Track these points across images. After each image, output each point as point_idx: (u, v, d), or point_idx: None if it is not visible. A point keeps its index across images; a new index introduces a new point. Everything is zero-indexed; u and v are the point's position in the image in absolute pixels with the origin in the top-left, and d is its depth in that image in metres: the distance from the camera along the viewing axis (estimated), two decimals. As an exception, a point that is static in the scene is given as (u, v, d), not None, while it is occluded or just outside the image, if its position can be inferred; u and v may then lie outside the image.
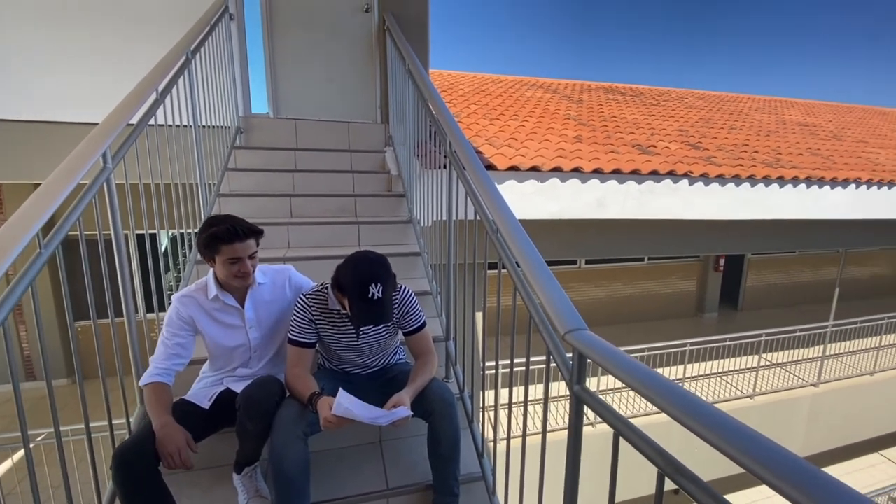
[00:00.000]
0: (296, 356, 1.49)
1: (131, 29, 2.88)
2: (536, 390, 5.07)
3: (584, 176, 3.52)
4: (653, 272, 9.05)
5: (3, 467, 4.06)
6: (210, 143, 2.47)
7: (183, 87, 2.14)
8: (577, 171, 3.50)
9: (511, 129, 4.51)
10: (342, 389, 1.32)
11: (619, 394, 5.80)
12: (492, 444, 1.77)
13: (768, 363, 6.52)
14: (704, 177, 3.76)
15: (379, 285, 1.37)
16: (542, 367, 1.08)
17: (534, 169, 3.42)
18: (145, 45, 2.37)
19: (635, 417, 5.19)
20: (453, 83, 7.29)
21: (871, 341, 7.02)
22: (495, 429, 1.56)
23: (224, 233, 1.44)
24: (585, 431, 0.83)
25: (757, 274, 9.91)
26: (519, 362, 1.47)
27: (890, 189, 4.56)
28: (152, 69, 1.85)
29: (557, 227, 4.05)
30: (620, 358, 0.80)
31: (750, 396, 6.00)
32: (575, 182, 3.51)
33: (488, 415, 3.55)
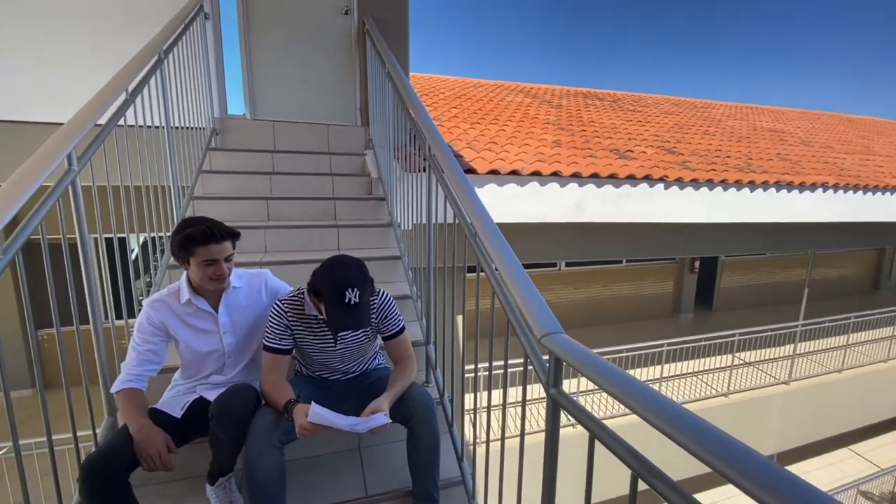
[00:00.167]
0: (271, 363, 1.46)
1: (102, 27, 2.79)
2: (516, 393, 5.09)
3: (563, 180, 3.56)
4: (630, 274, 9.22)
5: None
6: (184, 145, 2.42)
7: (155, 87, 2.09)
8: (556, 175, 3.54)
9: (491, 133, 4.54)
10: (314, 402, 1.30)
11: (599, 394, 5.88)
12: (473, 447, 1.77)
13: (742, 362, 6.71)
14: (679, 181, 3.85)
15: (356, 290, 1.35)
16: (525, 371, 1.08)
17: (514, 173, 3.44)
18: (117, 44, 2.30)
19: (615, 418, 5.27)
20: (434, 86, 7.30)
21: (838, 340, 7.29)
22: (475, 432, 1.55)
23: (200, 234, 1.41)
24: (567, 432, 0.84)
25: (730, 275, 10.19)
26: (498, 365, 1.48)
27: (855, 193, 4.75)
28: (122, 68, 1.79)
29: (538, 231, 4.09)
30: (595, 361, 0.81)
31: (725, 395, 6.16)
32: (554, 186, 3.55)
33: (469, 418, 3.55)
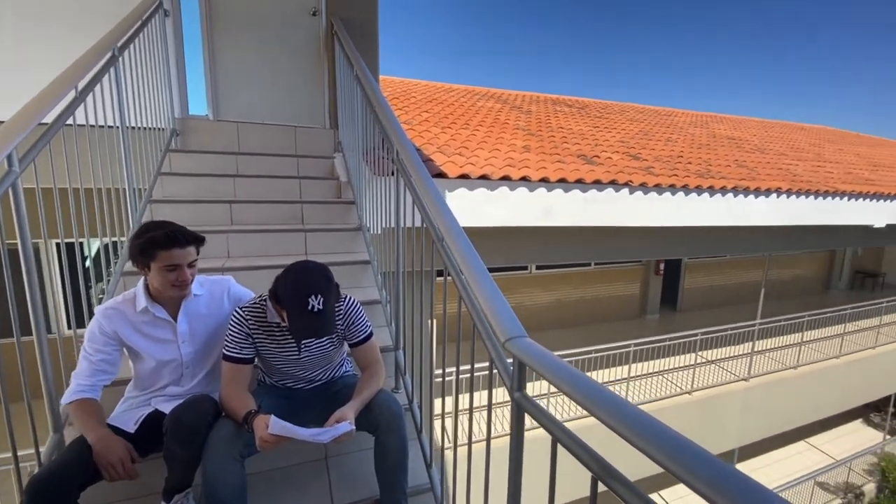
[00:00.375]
0: (231, 373, 1.41)
1: (51, 23, 2.65)
2: (481, 398, 5.10)
3: (532, 185, 3.61)
4: (599, 276, 9.43)
5: None
6: (141, 146, 2.31)
7: (109, 85, 1.99)
8: (525, 180, 3.59)
9: (462, 138, 4.55)
10: (273, 417, 1.26)
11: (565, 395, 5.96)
12: (441, 453, 1.75)
13: (704, 360, 6.95)
14: (643, 186, 3.97)
15: (320, 297, 1.32)
16: (491, 375, 1.08)
17: (484, 177, 3.46)
18: (72, 43, 2.18)
19: (581, 419, 5.35)
20: (406, 90, 7.29)
21: (793, 337, 7.67)
22: (443, 438, 1.54)
23: (163, 238, 1.37)
24: (537, 434, 0.83)
25: (693, 277, 10.58)
26: (466, 369, 1.47)
27: (807, 198, 5.01)
28: (71, 65, 1.70)
29: (508, 234, 4.13)
30: (556, 365, 0.81)
31: (689, 392, 6.37)
32: (523, 190, 3.59)
33: (438, 423, 3.53)
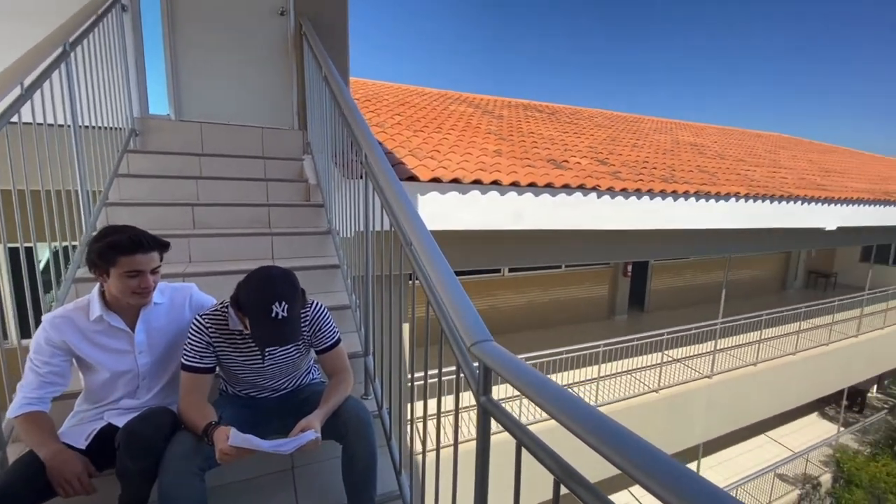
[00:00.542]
0: (190, 383, 1.36)
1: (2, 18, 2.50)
2: (451, 402, 5.11)
3: (503, 189, 3.64)
4: (569, 278, 9.61)
5: None
6: (96, 146, 2.20)
7: (59, 82, 1.89)
8: (496, 184, 3.62)
9: (434, 142, 4.56)
10: (233, 430, 1.21)
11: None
12: (410, 459, 1.73)
13: (670, 359, 7.17)
14: (611, 190, 4.07)
15: (284, 304, 1.28)
16: (458, 380, 1.08)
17: (455, 181, 3.47)
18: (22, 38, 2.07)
19: (550, 421, 5.42)
20: (377, 93, 7.25)
21: (753, 335, 8.01)
22: (412, 443, 1.53)
23: (126, 242, 1.30)
24: (507, 437, 0.83)
25: (660, 278, 10.92)
26: (435, 374, 1.46)
27: (763, 202, 5.25)
28: (15, 61, 1.61)
29: (481, 238, 4.15)
30: (520, 369, 0.82)
31: (656, 391, 6.55)
32: (494, 194, 3.62)
33: (407, 429, 3.50)
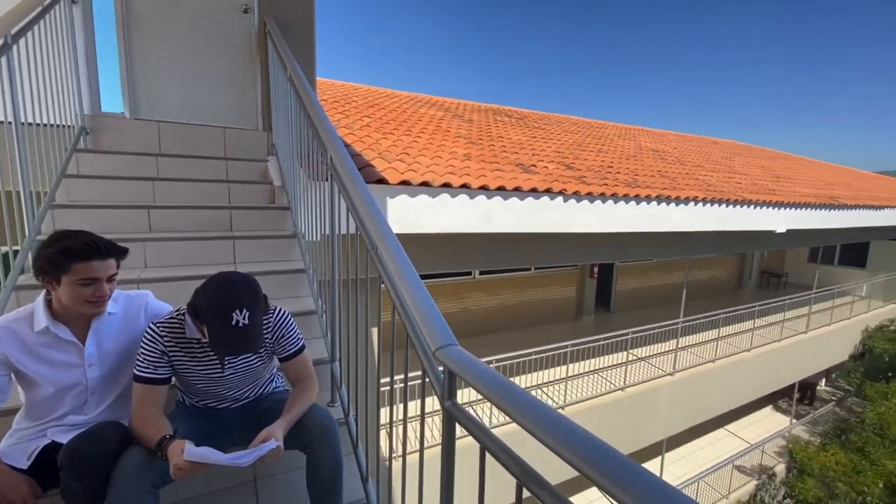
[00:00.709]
0: (143, 395, 1.29)
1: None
2: (416, 406, 5.09)
3: (472, 192, 3.66)
4: (538, 280, 9.77)
5: None
6: (40, 145, 2.08)
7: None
8: (465, 188, 3.64)
9: (404, 144, 4.54)
10: (188, 443, 1.16)
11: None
12: (379, 465, 1.71)
13: (635, 358, 7.39)
14: (577, 194, 4.16)
15: (245, 310, 1.24)
16: (424, 384, 1.07)
17: (425, 184, 3.47)
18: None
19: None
20: (346, 94, 7.17)
21: (712, 333, 8.36)
22: (377, 450, 1.51)
23: (81, 248, 1.23)
24: (473, 440, 0.83)
25: (624, 279, 11.25)
26: (402, 379, 1.45)
27: (720, 206, 5.50)
28: (-53, 51, 1.49)
29: (452, 241, 4.16)
30: (485, 373, 0.82)
31: (622, 389, 6.73)
32: (464, 197, 3.64)
33: (376, 435, 3.46)
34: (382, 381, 1.48)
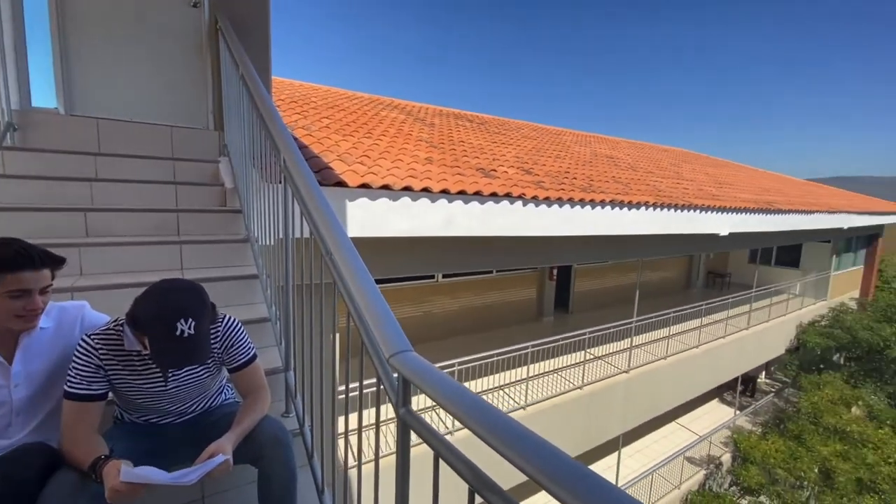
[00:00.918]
0: (75, 413, 1.19)
1: None
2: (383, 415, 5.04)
3: (434, 196, 3.67)
4: (500, 283, 9.91)
5: None
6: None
7: None
8: (426, 191, 3.63)
9: (364, 147, 4.48)
10: (126, 463, 1.09)
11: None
12: (335, 476, 1.66)
13: (592, 357, 7.62)
14: (535, 199, 4.26)
15: (191, 320, 1.17)
16: (379, 392, 1.05)
17: (385, 187, 3.44)
18: None
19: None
20: (305, 95, 7.00)
21: (663, 332, 8.76)
22: (333, 460, 1.47)
23: (11, 257, 1.12)
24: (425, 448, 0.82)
25: (582, 281, 11.60)
26: (358, 387, 1.42)
27: (669, 211, 5.77)
28: None
29: (414, 244, 4.15)
30: (438, 379, 0.81)
31: (580, 387, 6.92)
32: (425, 201, 3.64)
33: (332, 444, 3.38)
34: (338, 389, 1.45)
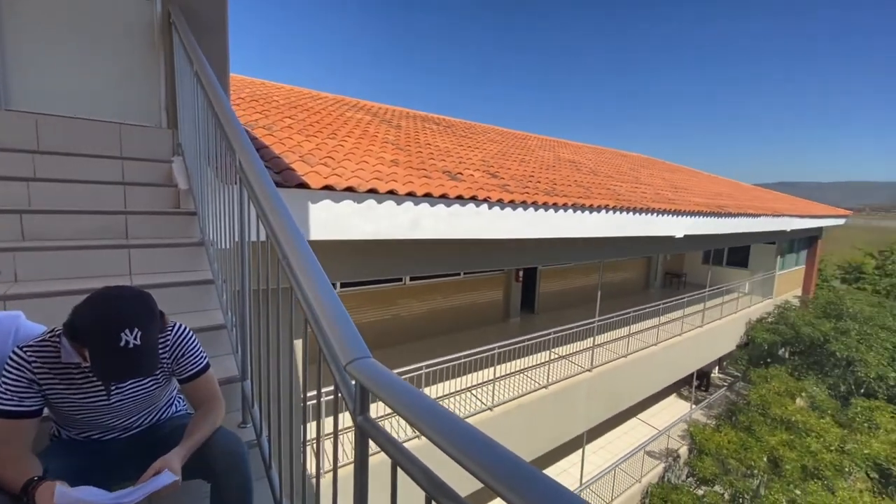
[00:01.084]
0: (5, 432, 1.10)
1: None
2: (328, 423, 4.96)
3: (399, 198, 3.64)
4: (467, 285, 9.96)
5: None
6: None
7: None
8: (392, 194, 3.61)
9: (328, 148, 4.40)
10: (61, 485, 1.01)
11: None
12: (293, 487, 1.62)
13: (557, 356, 7.78)
14: (500, 202, 4.30)
15: (136, 330, 1.10)
16: (337, 399, 1.02)
17: (350, 189, 3.39)
18: None
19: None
20: (267, 93, 6.82)
21: (623, 330, 9.05)
22: (291, 470, 1.42)
23: None
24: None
25: (547, 282, 11.84)
26: (322, 393, 1.38)
27: (628, 213, 5.98)
28: None
29: (380, 247, 4.11)
30: (396, 386, 0.80)
31: (545, 387, 7.05)
32: (391, 204, 3.61)
33: (290, 454, 3.30)
34: (298, 397, 1.41)
